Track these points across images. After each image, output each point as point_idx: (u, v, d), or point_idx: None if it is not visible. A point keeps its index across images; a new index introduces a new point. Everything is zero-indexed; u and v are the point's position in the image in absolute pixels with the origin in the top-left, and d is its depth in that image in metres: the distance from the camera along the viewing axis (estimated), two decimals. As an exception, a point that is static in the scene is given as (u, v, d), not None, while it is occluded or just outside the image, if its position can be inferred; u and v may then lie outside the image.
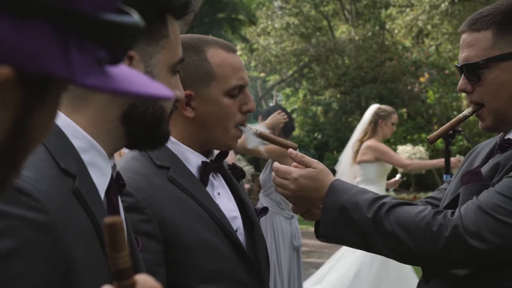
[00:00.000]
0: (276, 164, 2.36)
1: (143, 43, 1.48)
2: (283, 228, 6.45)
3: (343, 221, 2.23)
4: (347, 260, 7.37)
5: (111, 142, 1.50)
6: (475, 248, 2.08)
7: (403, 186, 17.78)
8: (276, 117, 6.20)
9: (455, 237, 2.09)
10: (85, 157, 1.42)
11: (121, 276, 0.93)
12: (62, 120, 1.43)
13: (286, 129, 6.57)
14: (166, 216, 2.07)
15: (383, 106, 7.51)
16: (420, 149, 8.27)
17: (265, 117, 6.53)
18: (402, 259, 2.29)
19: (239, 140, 6.22)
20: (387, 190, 7.70)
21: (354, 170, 7.48)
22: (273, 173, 2.35)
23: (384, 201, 2.22)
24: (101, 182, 1.46)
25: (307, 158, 2.32)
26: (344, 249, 7.55)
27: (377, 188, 6.87)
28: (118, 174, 1.59)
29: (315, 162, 2.32)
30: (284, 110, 6.63)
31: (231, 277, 2.15)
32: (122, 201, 2.01)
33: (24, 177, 1.24)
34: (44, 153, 1.36)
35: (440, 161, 7.10)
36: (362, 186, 2.35)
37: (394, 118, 7.36)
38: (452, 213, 2.15)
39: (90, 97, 1.45)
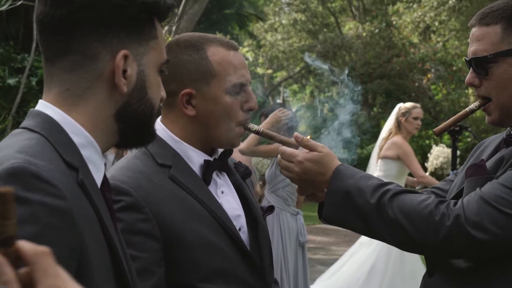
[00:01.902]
0: (282, 147, 2.34)
1: (135, 43, 1.52)
2: (290, 225, 6.45)
3: (347, 206, 2.22)
4: (361, 255, 7.37)
5: (105, 139, 1.53)
6: (476, 239, 2.07)
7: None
8: (276, 115, 6.20)
9: (457, 227, 2.09)
10: (83, 153, 1.47)
11: (8, 243, 0.95)
12: (61, 117, 1.47)
13: (290, 127, 6.58)
14: (166, 215, 2.06)
15: (405, 104, 7.52)
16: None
17: (267, 116, 6.53)
18: (403, 246, 2.27)
19: (246, 143, 6.20)
20: (411, 187, 7.67)
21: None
22: (279, 156, 2.34)
23: (388, 188, 2.21)
24: (97, 178, 1.50)
25: (312, 142, 2.31)
26: (358, 244, 7.56)
27: None
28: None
29: (320, 146, 2.31)
30: (285, 107, 6.61)
31: (232, 276, 2.14)
32: (120, 200, 2.03)
33: (39, 165, 1.29)
34: (49, 147, 1.40)
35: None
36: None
37: (415, 112, 7.35)
38: (455, 203, 2.15)
39: (87, 96, 1.49)
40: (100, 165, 1.52)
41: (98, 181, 1.50)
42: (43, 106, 1.49)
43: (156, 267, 2.03)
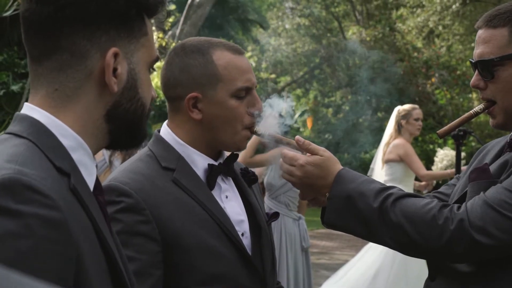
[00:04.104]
0: (284, 150, 2.34)
1: (125, 40, 1.47)
2: (291, 230, 6.44)
3: (348, 210, 2.21)
4: (367, 259, 7.37)
5: (96, 141, 1.48)
6: (479, 243, 2.06)
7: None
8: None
9: (460, 231, 2.08)
10: (74, 156, 1.41)
11: None
12: (49, 120, 1.41)
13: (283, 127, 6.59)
14: (166, 217, 2.07)
15: (404, 106, 7.51)
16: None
17: None
18: (406, 250, 2.26)
19: (242, 155, 6.24)
20: (417, 192, 7.64)
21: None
22: (281, 159, 2.33)
23: (390, 192, 2.20)
24: (89, 181, 1.45)
25: (314, 146, 2.30)
26: (366, 248, 7.55)
27: (405, 187, 6.83)
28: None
29: (321, 149, 2.30)
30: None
31: (231, 281, 2.14)
32: (121, 201, 2.03)
33: (30, 174, 1.24)
34: (38, 152, 1.35)
35: (452, 171, 7.08)
36: (389, 185, 2.33)
37: (416, 113, 7.35)
38: (459, 207, 2.14)
39: (76, 96, 1.44)
40: (92, 168, 1.47)
41: (91, 184, 1.46)
42: (29, 109, 1.44)
43: (154, 269, 2.04)
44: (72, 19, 1.40)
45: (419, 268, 6.77)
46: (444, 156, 8.07)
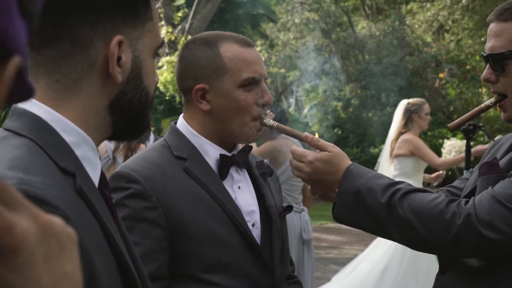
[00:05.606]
0: (293, 147, 2.36)
1: (130, 26, 1.38)
2: (290, 221, 6.42)
3: (357, 206, 2.22)
4: (376, 254, 7.36)
5: (99, 134, 1.42)
6: (486, 238, 2.05)
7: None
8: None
9: (467, 226, 2.07)
10: (78, 152, 1.34)
11: None
12: (50, 115, 1.33)
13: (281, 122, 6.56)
14: (173, 205, 2.12)
15: (412, 100, 7.47)
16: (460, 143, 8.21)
17: None
18: (413, 245, 2.26)
19: None
20: (427, 185, 7.60)
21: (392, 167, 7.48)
22: (290, 155, 2.35)
23: (398, 187, 2.20)
24: (94, 177, 1.39)
25: (323, 142, 2.31)
26: (375, 243, 7.55)
27: (414, 182, 6.82)
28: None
29: (330, 145, 2.30)
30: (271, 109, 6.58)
31: (238, 270, 2.18)
32: (129, 188, 2.06)
33: (34, 183, 1.17)
34: (40, 153, 1.28)
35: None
36: (398, 179, 2.33)
37: (426, 108, 7.32)
38: (466, 202, 2.13)
39: (78, 88, 1.36)
40: (96, 162, 1.40)
41: (96, 180, 1.39)
42: (28, 103, 1.33)
43: (158, 254, 2.09)
44: (73, 4, 1.33)
45: (429, 263, 6.76)
46: (452, 147, 8.05)
